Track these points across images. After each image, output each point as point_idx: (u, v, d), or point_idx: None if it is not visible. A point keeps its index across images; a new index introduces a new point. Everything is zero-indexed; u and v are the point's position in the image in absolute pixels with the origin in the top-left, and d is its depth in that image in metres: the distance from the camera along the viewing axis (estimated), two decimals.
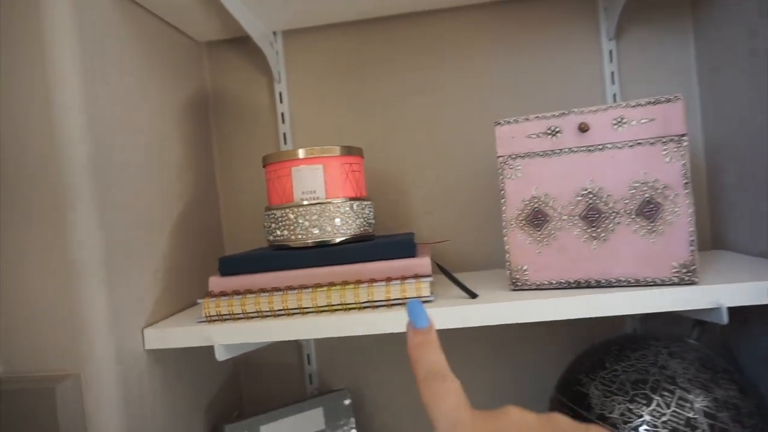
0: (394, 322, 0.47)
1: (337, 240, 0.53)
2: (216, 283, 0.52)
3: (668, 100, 0.46)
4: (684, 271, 0.46)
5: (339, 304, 0.49)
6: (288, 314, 0.50)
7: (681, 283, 0.47)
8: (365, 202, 0.55)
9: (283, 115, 0.70)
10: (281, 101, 0.70)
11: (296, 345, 0.73)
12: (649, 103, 0.46)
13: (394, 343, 0.72)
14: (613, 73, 0.66)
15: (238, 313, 0.50)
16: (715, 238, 0.66)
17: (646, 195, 0.47)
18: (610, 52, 0.66)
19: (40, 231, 0.44)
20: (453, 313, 0.47)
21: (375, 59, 0.69)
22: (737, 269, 0.51)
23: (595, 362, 0.56)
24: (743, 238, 0.59)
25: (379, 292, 0.49)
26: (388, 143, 0.70)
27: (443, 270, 0.53)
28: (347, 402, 0.66)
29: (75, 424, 0.46)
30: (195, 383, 0.61)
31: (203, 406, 0.63)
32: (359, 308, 0.49)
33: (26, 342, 0.46)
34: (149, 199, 0.54)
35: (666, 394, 0.50)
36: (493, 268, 0.69)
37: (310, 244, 0.53)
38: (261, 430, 0.61)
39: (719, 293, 0.45)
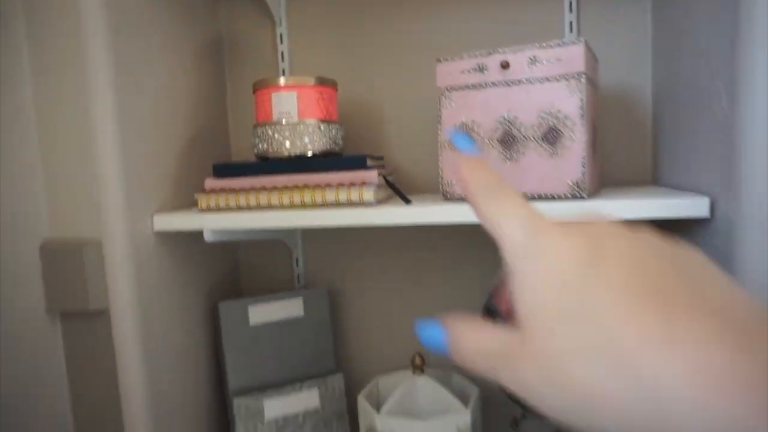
0: (347, 218, 0.59)
1: (308, 154, 0.65)
2: (210, 183, 0.66)
3: (573, 43, 0.54)
4: (576, 188, 0.56)
5: (303, 204, 0.62)
6: (263, 209, 0.63)
7: (573, 197, 0.56)
8: (333, 125, 0.67)
9: (282, 53, 0.82)
10: (281, 42, 0.82)
11: (287, 249, 0.87)
12: (557, 45, 0.55)
13: (371, 253, 0.84)
14: (571, 23, 0.74)
15: (225, 207, 0.64)
16: (654, 176, 0.73)
17: (551, 123, 0.56)
18: (570, 3, 0.73)
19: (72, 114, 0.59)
20: (387, 213, 0.59)
21: (364, 7, 0.79)
22: (638, 194, 0.60)
23: None
24: (676, 175, 0.66)
25: (335, 194, 0.61)
26: (371, 80, 0.80)
27: (386, 181, 0.64)
28: (325, 296, 0.80)
29: (98, 280, 0.61)
30: (198, 270, 0.76)
31: (204, 289, 0.78)
32: (319, 206, 0.62)
33: (62, 215, 0.61)
34: (169, 118, 0.68)
35: None
36: None
37: (285, 156, 0.65)
38: (249, 309, 0.75)
39: (602, 207, 0.54)
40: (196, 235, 0.75)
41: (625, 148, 0.75)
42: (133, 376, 0.63)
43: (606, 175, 0.76)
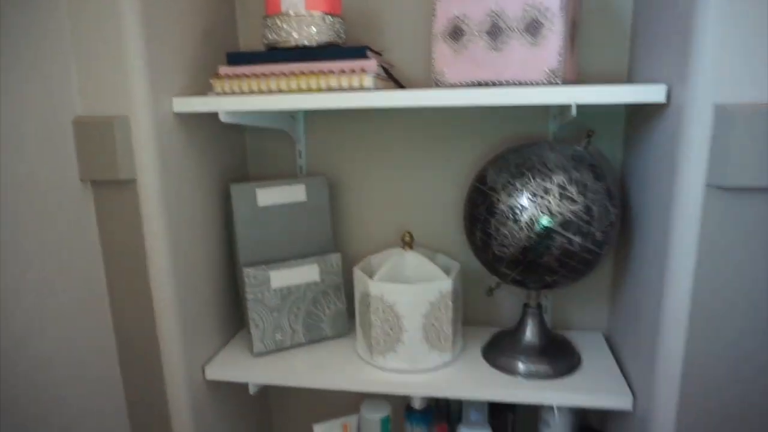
0: (349, 101, 0.66)
1: (313, 44, 0.71)
2: (224, 69, 0.72)
3: None
4: (552, 75, 0.63)
5: (309, 88, 0.69)
6: (272, 94, 0.70)
7: (549, 84, 0.64)
8: (337, 18, 0.73)
9: None
10: None
11: (291, 141, 0.94)
12: None
13: (367, 144, 0.92)
14: None
15: (238, 91, 0.71)
16: (629, 75, 0.80)
17: (533, 15, 0.62)
18: None
19: None
20: (384, 97, 0.66)
21: None
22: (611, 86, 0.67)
23: (499, 155, 0.75)
24: (647, 72, 0.73)
25: (338, 81, 0.68)
26: None
27: (384, 70, 0.71)
28: (325, 183, 0.88)
29: (126, 153, 0.69)
30: (211, 153, 0.84)
31: (216, 172, 0.86)
32: (324, 92, 0.69)
33: (93, 94, 0.68)
34: (187, 8, 0.73)
35: (536, 171, 0.68)
36: None
37: (292, 45, 0.71)
38: (257, 192, 0.84)
39: (574, 93, 0.62)
40: (211, 120, 0.83)
41: (603, 48, 0.81)
42: (158, 241, 0.72)
43: (584, 73, 0.82)
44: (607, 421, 0.90)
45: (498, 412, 0.88)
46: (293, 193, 0.87)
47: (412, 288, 0.75)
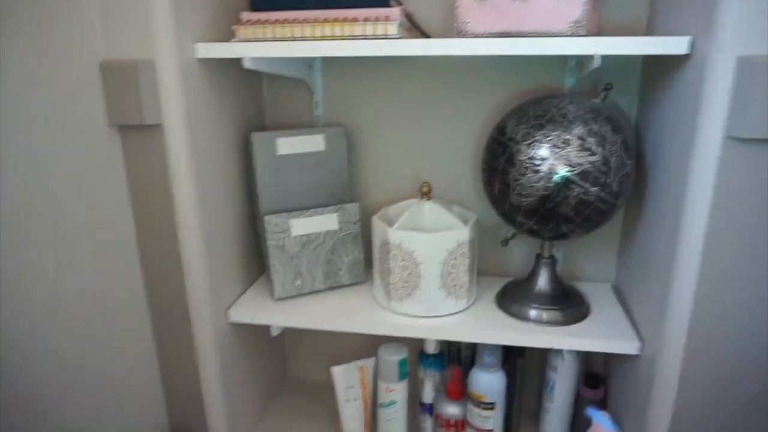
0: (373, 48, 0.67)
1: None
2: (246, 15, 0.72)
3: None
4: (576, 25, 0.63)
5: (333, 36, 0.69)
6: (295, 40, 0.70)
7: (573, 35, 0.64)
8: None
9: None
10: None
11: (308, 91, 0.95)
12: None
13: (385, 94, 0.93)
14: None
15: (261, 37, 0.71)
16: (648, 26, 0.80)
17: None
18: None
19: None
20: (407, 45, 0.66)
21: None
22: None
23: (519, 107, 0.76)
24: (671, 21, 0.73)
25: (362, 28, 0.68)
26: None
27: (408, 18, 0.71)
28: (344, 133, 0.89)
29: (152, 98, 0.70)
30: (232, 101, 0.85)
31: (236, 120, 0.87)
32: (347, 38, 0.69)
33: (118, 37, 0.68)
34: None
35: (556, 123, 0.70)
36: None
37: None
38: (277, 141, 0.85)
39: (600, 44, 0.62)
40: (231, 67, 0.83)
41: (623, 0, 0.81)
42: (184, 186, 0.74)
43: (602, 25, 0.82)
44: (610, 370, 0.94)
45: (508, 357, 0.92)
46: (312, 142, 0.88)
47: (431, 236, 0.77)
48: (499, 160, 0.73)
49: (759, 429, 0.68)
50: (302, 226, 0.87)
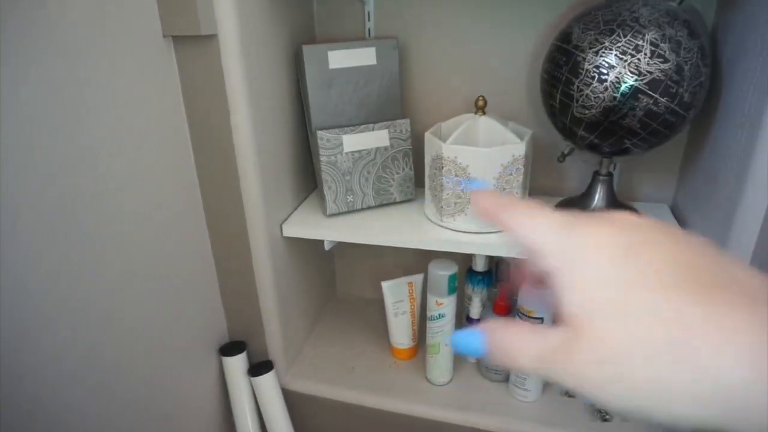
0: None
1: None
2: None
3: None
4: None
5: None
6: None
7: None
8: None
9: None
10: None
11: (360, 3, 0.91)
12: None
13: (437, 5, 0.89)
14: None
15: None
16: None
17: None
18: None
19: None
20: None
21: None
22: None
23: (586, 11, 0.71)
24: None
25: None
26: None
27: None
28: (395, 46, 0.86)
29: (207, 8, 0.68)
30: (283, 13, 0.83)
31: (286, 34, 0.85)
32: None
33: None
34: None
35: (627, 28, 0.65)
36: None
37: None
38: (328, 53, 0.83)
39: None
40: None
41: None
42: (239, 98, 0.74)
43: None
44: None
45: None
46: (364, 56, 0.86)
47: (486, 151, 0.75)
48: (562, 70, 0.70)
49: None
50: (354, 142, 0.86)
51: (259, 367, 0.94)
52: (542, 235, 0.24)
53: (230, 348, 0.94)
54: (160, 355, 0.79)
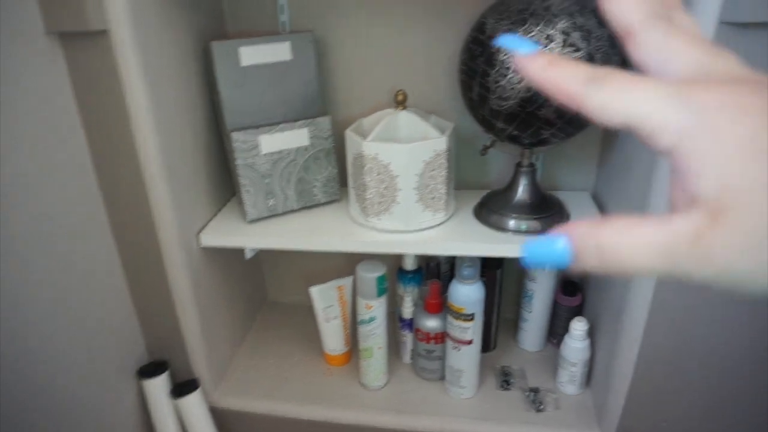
0: None
1: None
2: None
3: None
4: None
5: None
6: None
7: None
8: None
9: None
10: None
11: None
12: None
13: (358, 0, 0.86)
14: None
15: None
16: None
17: None
18: None
19: None
20: None
21: None
22: None
23: (499, 2, 0.70)
24: None
25: None
26: None
27: None
28: (311, 40, 0.83)
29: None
30: (188, 8, 0.77)
31: (193, 30, 0.80)
32: None
33: None
34: None
35: (539, 18, 0.65)
36: None
37: None
38: (239, 50, 0.78)
39: None
40: None
41: None
42: (139, 100, 0.68)
43: None
44: (587, 276, 0.95)
45: (486, 269, 0.91)
46: (278, 51, 0.81)
47: (407, 147, 0.73)
48: (477, 62, 0.69)
49: (737, 324, 0.70)
50: (272, 142, 0.82)
51: (183, 387, 0.88)
52: (655, 105, 0.19)
53: (150, 369, 0.87)
54: (70, 384, 0.72)
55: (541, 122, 0.68)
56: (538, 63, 0.21)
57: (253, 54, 0.80)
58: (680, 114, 0.18)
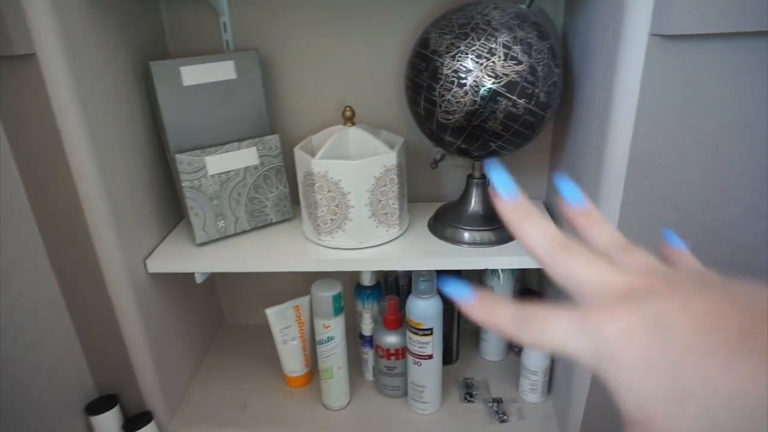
0: None
1: None
2: None
3: None
4: None
5: None
6: None
7: None
8: None
9: None
10: None
11: (213, 13, 0.85)
12: None
13: (297, 16, 0.85)
14: None
15: None
16: None
17: None
18: None
19: None
20: None
21: None
22: None
23: (441, 16, 0.70)
24: None
25: None
26: None
27: None
28: (255, 58, 0.81)
29: (18, 20, 0.59)
30: (125, 28, 0.75)
31: (131, 50, 0.77)
32: None
33: None
34: None
35: (480, 32, 0.65)
36: None
37: None
38: (181, 70, 0.76)
39: None
40: None
41: None
42: (73, 125, 0.65)
43: None
44: (545, 283, 0.96)
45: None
46: (221, 70, 0.79)
47: (356, 163, 0.72)
48: (422, 76, 0.69)
49: None
50: (219, 163, 0.80)
51: (135, 421, 0.84)
52: (568, 339, 0.21)
53: (99, 404, 0.83)
54: (12, 425, 0.67)
55: (488, 134, 0.68)
56: (480, 309, 0.24)
57: (195, 73, 0.77)
58: (588, 345, 0.20)
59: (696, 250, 0.25)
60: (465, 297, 0.24)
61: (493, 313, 0.23)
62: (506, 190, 0.25)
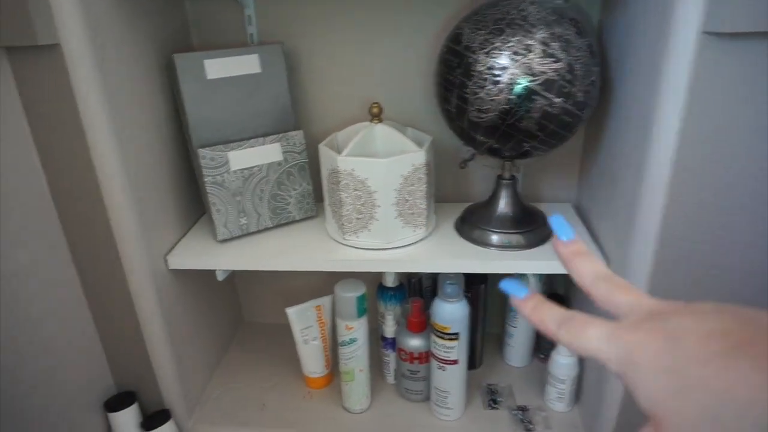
0: None
1: None
2: None
3: None
4: None
5: None
6: None
7: None
8: None
9: None
10: None
11: (237, 6, 0.83)
12: None
13: (324, 9, 0.83)
14: None
15: None
16: None
17: None
18: None
19: None
20: None
21: None
22: None
23: (475, 11, 0.68)
24: None
25: None
26: None
27: None
28: (280, 52, 0.79)
29: (44, 9, 0.58)
30: (149, 19, 0.73)
31: (157, 41, 0.76)
32: None
33: None
34: None
35: (516, 27, 0.62)
36: None
37: None
38: (204, 62, 0.75)
39: None
40: None
41: None
42: (96, 118, 0.64)
43: None
44: (573, 290, 0.93)
45: (470, 285, 0.89)
46: (246, 63, 0.78)
47: (384, 162, 0.70)
48: (454, 73, 0.66)
49: None
50: (242, 158, 0.78)
51: (154, 419, 0.83)
52: (599, 345, 0.24)
53: (117, 401, 0.82)
54: (31, 420, 0.66)
55: (522, 134, 0.66)
56: (529, 305, 0.28)
57: (219, 67, 0.76)
58: (617, 351, 0.24)
59: (748, 259, 0.25)
60: (519, 293, 0.29)
61: (541, 311, 0.27)
62: (565, 235, 0.29)
